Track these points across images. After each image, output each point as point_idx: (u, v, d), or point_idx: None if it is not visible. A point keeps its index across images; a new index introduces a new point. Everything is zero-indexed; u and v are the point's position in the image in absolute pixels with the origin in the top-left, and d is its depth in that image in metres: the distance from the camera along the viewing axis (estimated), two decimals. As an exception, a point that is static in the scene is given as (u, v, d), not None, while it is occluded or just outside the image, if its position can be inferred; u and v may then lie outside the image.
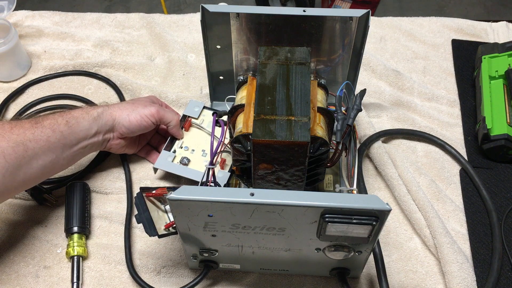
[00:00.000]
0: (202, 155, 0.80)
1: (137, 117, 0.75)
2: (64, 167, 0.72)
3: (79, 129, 0.71)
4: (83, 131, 0.71)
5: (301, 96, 0.63)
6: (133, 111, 0.75)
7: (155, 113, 0.76)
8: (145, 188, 0.68)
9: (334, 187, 0.76)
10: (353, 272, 0.69)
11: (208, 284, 0.73)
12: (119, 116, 0.74)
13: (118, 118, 0.74)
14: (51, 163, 0.69)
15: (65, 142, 0.69)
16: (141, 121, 0.75)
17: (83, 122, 0.71)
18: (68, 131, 0.70)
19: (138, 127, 0.76)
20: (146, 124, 0.76)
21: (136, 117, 0.75)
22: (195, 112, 0.83)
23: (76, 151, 0.72)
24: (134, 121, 0.75)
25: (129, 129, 0.75)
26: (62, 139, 0.69)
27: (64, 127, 0.70)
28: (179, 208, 0.56)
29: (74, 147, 0.71)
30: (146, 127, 0.76)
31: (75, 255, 0.73)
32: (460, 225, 0.78)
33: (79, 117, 0.71)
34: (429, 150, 0.86)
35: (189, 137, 0.82)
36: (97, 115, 0.73)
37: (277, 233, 0.59)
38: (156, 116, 0.76)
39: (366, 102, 0.91)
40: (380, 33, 1.04)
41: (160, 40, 1.01)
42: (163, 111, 0.78)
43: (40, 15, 1.07)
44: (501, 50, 0.91)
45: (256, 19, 0.72)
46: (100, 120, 0.73)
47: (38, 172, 0.68)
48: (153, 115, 0.76)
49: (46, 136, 0.68)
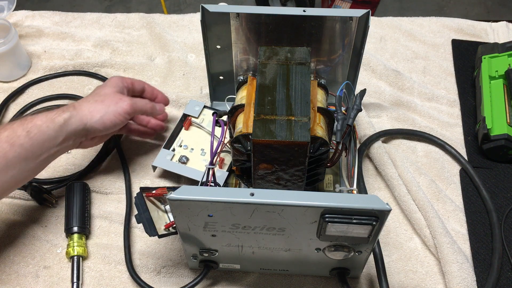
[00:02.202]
0: (201, 154, 0.80)
1: (110, 118, 0.70)
2: (31, 177, 0.68)
3: (43, 140, 0.64)
4: (48, 141, 0.65)
5: (301, 96, 0.63)
6: (105, 113, 0.70)
7: (129, 109, 0.72)
8: (145, 188, 0.68)
9: (334, 187, 0.76)
10: (353, 272, 0.69)
11: (208, 284, 0.73)
12: (90, 120, 0.69)
13: (90, 123, 0.69)
14: (13, 178, 0.64)
15: (26, 156, 0.64)
16: (115, 121, 0.71)
17: (47, 131, 0.65)
18: (30, 143, 0.63)
19: (113, 127, 0.72)
20: (120, 123, 0.72)
21: (110, 118, 0.70)
22: (195, 111, 0.83)
23: (43, 161, 0.66)
24: (108, 122, 0.70)
25: (103, 131, 0.71)
26: (23, 152, 0.63)
27: (24, 139, 0.63)
28: (179, 208, 0.56)
29: (39, 158, 0.65)
30: (120, 125, 0.73)
31: (75, 255, 0.73)
32: (460, 225, 0.78)
33: (42, 125, 0.65)
34: (429, 150, 0.86)
35: (189, 136, 0.82)
36: (64, 121, 0.66)
37: (277, 233, 0.59)
38: (130, 111, 0.72)
39: (366, 102, 0.91)
40: (380, 33, 1.04)
41: (160, 40, 1.01)
42: (136, 103, 0.73)
43: (40, 15, 1.07)
44: (501, 50, 0.91)
45: (256, 19, 0.72)
46: (68, 127, 0.67)
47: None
48: (127, 112, 0.72)
49: (3, 152, 0.62)
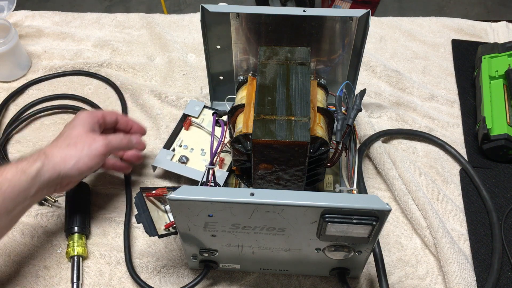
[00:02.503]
0: (201, 154, 0.80)
1: (85, 162, 0.66)
2: (3, 233, 0.64)
3: (15, 194, 0.61)
4: (20, 194, 0.61)
5: (301, 96, 0.63)
6: (80, 158, 0.66)
7: (104, 150, 0.68)
8: (145, 188, 0.68)
9: (334, 187, 0.76)
10: (353, 272, 0.69)
11: (208, 284, 0.73)
12: (64, 168, 0.65)
13: (64, 170, 0.65)
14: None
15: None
16: (91, 165, 0.67)
17: (19, 184, 0.61)
18: (1, 198, 0.60)
19: (89, 171, 0.68)
20: (96, 165, 0.68)
21: (85, 162, 0.66)
22: (195, 111, 0.83)
23: (16, 215, 0.63)
24: (83, 167, 0.66)
25: (79, 176, 0.68)
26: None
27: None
28: (179, 208, 0.56)
29: (12, 213, 0.62)
30: (97, 167, 0.69)
31: (75, 255, 0.73)
32: (460, 225, 0.78)
33: (12, 179, 0.61)
34: (429, 150, 0.86)
35: (189, 136, 0.82)
36: (36, 172, 0.62)
37: (277, 233, 0.59)
38: (106, 152, 0.68)
39: (366, 102, 0.91)
40: (380, 33, 1.04)
41: (160, 40, 1.01)
42: (110, 143, 0.69)
43: (40, 15, 1.07)
44: (501, 50, 0.91)
45: (256, 19, 0.72)
46: (41, 177, 0.63)
47: None
48: (102, 154, 0.68)
49: None
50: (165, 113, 0.90)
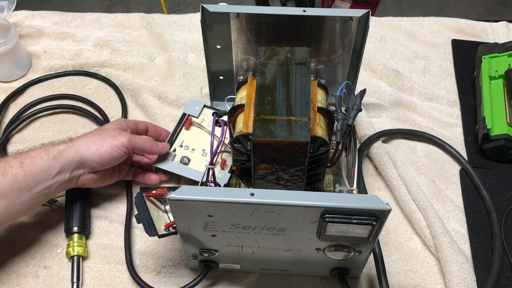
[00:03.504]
0: (202, 154, 0.80)
1: (107, 149, 0.69)
2: (25, 212, 0.67)
3: (37, 170, 0.65)
4: (42, 172, 0.65)
5: (301, 96, 0.63)
6: (102, 144, 0.69)
7: (127, 143, 0.71)
8: (145, 188, 0.68)
9: (334, 187, 0.76)
10: (353, 272, 0.69)
11: (208, 284, 0.73)
12: (86, 151, 0.68)
13: (86, 154, 0.68)
14: (6, 210, 0.64)
15: (20, 186, 0.64)
16: (112, 153, 0.70)
17: (42, 162, 0.65)
18: (23, 173, 0.64)
19: (110, 160, 0.70)
20: (118, 156, 0.70)
21: (107, 149, 0.69)
22: (195, 111, 0.83)
23: (37, 194, 0.66)
24: (104, 154, 0.69)
25: (101, 163, 0.70)
26: (16, 183, 0.63)
27: (17, 169, 0.64)
28: (179, 208, 0.56)
29: (33, 190, 0.65)
30: (118, 158, 0.71)
31: (75, 255, 0.73)
32: (460, 225, 0.78)
33: (36, 156, 0.66)
34: (429, 150, 0.86)
35: (189, 136, 0.82)
36: (58, 153, 0.67)
37: (277, 233, 0.59)
38: (128, 146, 0.71)
39: (366, 102, 0.91)
40: (380, 33, 1.04)
41: (160, 40, 1.02)
42: (134, 139, 0.72)
43: (40, 15, 1.07)
44: (501, 50, 0.91)
45: (256, 19, 0.72)
46: (62, 158, 0.67)
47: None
48: (124, 146, 0.70)
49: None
50: (165, 113, 0.90)
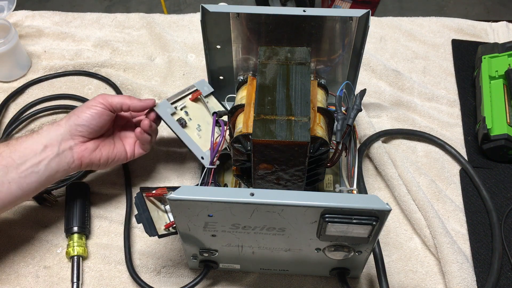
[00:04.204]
0: (197, 128, 0.77)
1: (85, 110, 0.70)
2: (15, 193, 0.66)
3: (22, 147, 0.66)
4: (27, 148, 0.66)
5: (301, 96, 0.63)
6: (79, 110, 0.70)
7: (101, 99, 0.71)
8: (145, 188, 0.68)
9: (334, 187, 0.76)
10: (353, 272, 0.69)
11: (208, 284, 0.73)
12: (67, 121, 0.70)
13: (67, 122, 0.69)
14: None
15: (6, 163, 0.65)
16: (92, 112, 0.70)
17: (26, 140, 0.67)
18: (8, 151, 0.66)
19: (91, 118, 0.70)
20: (97, 112, 0.70)
21: (84, 110, 0.70)
22: (204, 91, 0.80)
23: (26, 171, 0.66)
24: (84, 115, 0.70)
25: (85, 125, 0.70)
26: (1, 160, 0.65)
27: (3, 148, 0.66)
28: (179, 208, 0.56)
29: (20, 167, 0.65)
30: (99, 114, 0.70)
31: (75, 255, 0.73)
32: (460, 225, 0.78)
33: (21, 137, 0.68)
34: (429, 150, 0.86)
35: (192, 106, 0.79)
36: (41, 130, 0.69)
37: (277, 233, 0.59)
38: (104, 100, 0.71)
39: (366, 102, 0.91)
40: (380, 33, 1.04)
41: (160, 40, 1.02)
42: (110, 96, 0.72)
43: (40, 15, 1.07)
44: (501, 50, 0.91)
45: (256, 19, 0.72)
46: (44, 133, 0.68)
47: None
48: (99, 102, 0.70)
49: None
50: (165, 113, 0.90)
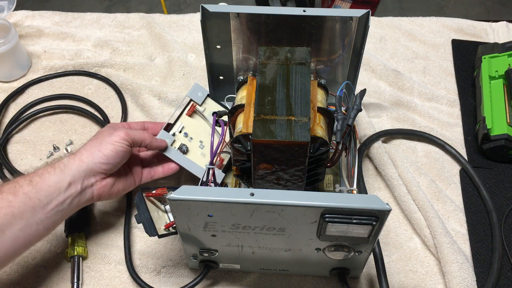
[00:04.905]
0: (200, 146, 0.78)
1: (109, 147, 0.68)
2: (42, 234, 0.64)
3: (47, 186, 0.63)
4: (52, 186, 0.64)
5: (301, 96, 0.63)
6: (102, 145, 0.68)
7: (125, 135, 0.69)
8: (145, 188, 0.68)
9: (334, 187, 0.76)
10: (353, 272, 0.69)
11: (208, 284, 0.73)
12: (89, 157, 0.67)
13: (90, 158, 0.67)
14: (22, 232, 0.61)
15: (33, 204, 0.62)
16: (115, 149, 0.68)
17: (50, 177, 0.64)
18: (34, 191, 0.62)
19: (116, 156, 0.68)
20: (121, 149, 0.68)
21: (108, 147, 0.68)
22: (198, 98, 0.79)
23: (52, 211, 0.64)
24: (108, 152, 0.67)
25: (108, 162, 0.68)
26: (28, 201, 0.62)
27: (27, 187, 0.62)
28: (179, 208, 0.56)
29: (47, 207, 0.63)
30: (123, 152, 0.69)
31: (75, 255, 0.73)
32: (460, 225, 0.78)
33: (43, 173, 0.65)
34: (429, 150, 0.86)
35: (190, 123, 0.79)
36: (63, 165, 0.66)
37: (277, 233, 0.59)
38: (127, 137, 0.69)
39: (366, 102, 0.91)
40: (380, 33, 1.04)
41: (160, 40, 1.02)
42: (131, 131, 0.70)
43: (40, 15, 1.07)
44: (501, 50, 0.91)
45: (256, 19, 0.72)
46: (68, 170, 0.65)
47: (9, 246, 0.60)
48: (123, 138, 0.69)
49: (7, 202, 0.61)
50: (165, 113, 0.90)
